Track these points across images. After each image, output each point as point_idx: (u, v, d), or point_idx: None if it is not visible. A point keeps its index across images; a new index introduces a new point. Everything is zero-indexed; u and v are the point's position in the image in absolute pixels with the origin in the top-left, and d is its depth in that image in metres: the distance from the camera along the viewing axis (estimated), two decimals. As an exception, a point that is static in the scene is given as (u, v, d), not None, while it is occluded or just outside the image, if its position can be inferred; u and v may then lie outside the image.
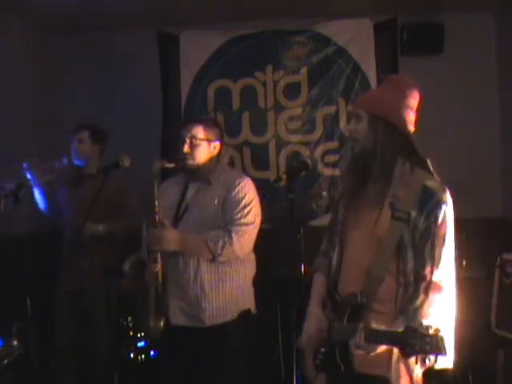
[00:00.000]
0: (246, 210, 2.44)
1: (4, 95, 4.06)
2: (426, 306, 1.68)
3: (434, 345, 1.43)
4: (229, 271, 2.47)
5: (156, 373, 2.77)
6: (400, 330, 1.53)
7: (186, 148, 2.46)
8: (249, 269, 2.59)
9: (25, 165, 3.08)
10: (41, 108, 4.50)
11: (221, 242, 2.37)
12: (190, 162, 2.47)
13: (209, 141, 2.50)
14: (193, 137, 2.47)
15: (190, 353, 2.47)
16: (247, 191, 2.49)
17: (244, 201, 2.45)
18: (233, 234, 2.39)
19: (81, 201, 3.06)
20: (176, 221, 2.49)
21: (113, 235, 3.21)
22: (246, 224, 2.43)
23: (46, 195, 3.32)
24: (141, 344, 3.67)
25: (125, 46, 4.70)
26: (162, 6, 4.25)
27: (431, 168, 1.83)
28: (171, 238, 2.37)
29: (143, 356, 3.66)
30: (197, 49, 4.72)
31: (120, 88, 4.69)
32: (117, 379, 2.98)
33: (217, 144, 2.55)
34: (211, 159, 2.53)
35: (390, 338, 1.56)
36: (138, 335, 3.68)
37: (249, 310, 2.56)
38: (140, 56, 4.73)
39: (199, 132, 2.48)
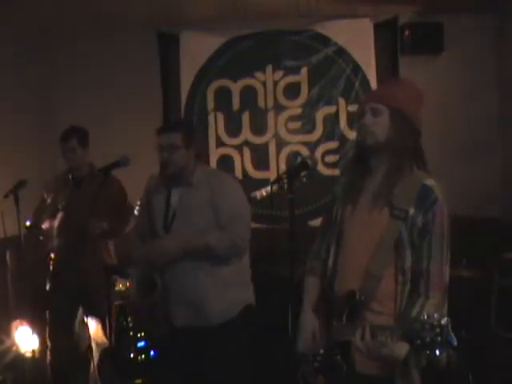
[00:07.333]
0: (236, 205, 2.48)
1: (4, 95, 4.06)
2: (427, 307, 1.67)
3: (444, 336, 1.41)
4: (226, 270, 2.47)
5: (156, 373, 2.77)
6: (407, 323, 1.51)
7: (165, 155, 2.46)
8: (244, 264, 2.59)
9: None
10: (41, 108, 4.50)
11: (222, 240, 2.40)
12: (170, 168, 2.47)
13: (187, 146, 2.50)
14: (170, 144, 2.46)
15: (195, 353, 2.47)
16: (233, 186, 2.54)
17: (232, 196, 2.49)
18: (231, 230, 2.41)
19: (81, 202, 3.06)
20: (166, 228, 2.50)
21: (115, 233, 3.23)
22: (239, 216, 2.47)
23: None
24: (141, 344, 3.67)
25: (125, 46, 4.71)
26: (162, 6, 4.26)
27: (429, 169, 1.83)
28: (172, 248, 2.40)
29: (143, 356, 3.66)
30: (197, 49, 4.73)
31: (120, 88, 4.69)
32: (117, 379, 2.98)
33: (194, 148, 2.56)
34: (190, 162, 2.53)
35: (398, 332, 1.52)
36: (138, 335, 3.68)
37: (251, 305, 2.57)
38: (140, 56, 4.73)
39: (177, 138, 2.47)
